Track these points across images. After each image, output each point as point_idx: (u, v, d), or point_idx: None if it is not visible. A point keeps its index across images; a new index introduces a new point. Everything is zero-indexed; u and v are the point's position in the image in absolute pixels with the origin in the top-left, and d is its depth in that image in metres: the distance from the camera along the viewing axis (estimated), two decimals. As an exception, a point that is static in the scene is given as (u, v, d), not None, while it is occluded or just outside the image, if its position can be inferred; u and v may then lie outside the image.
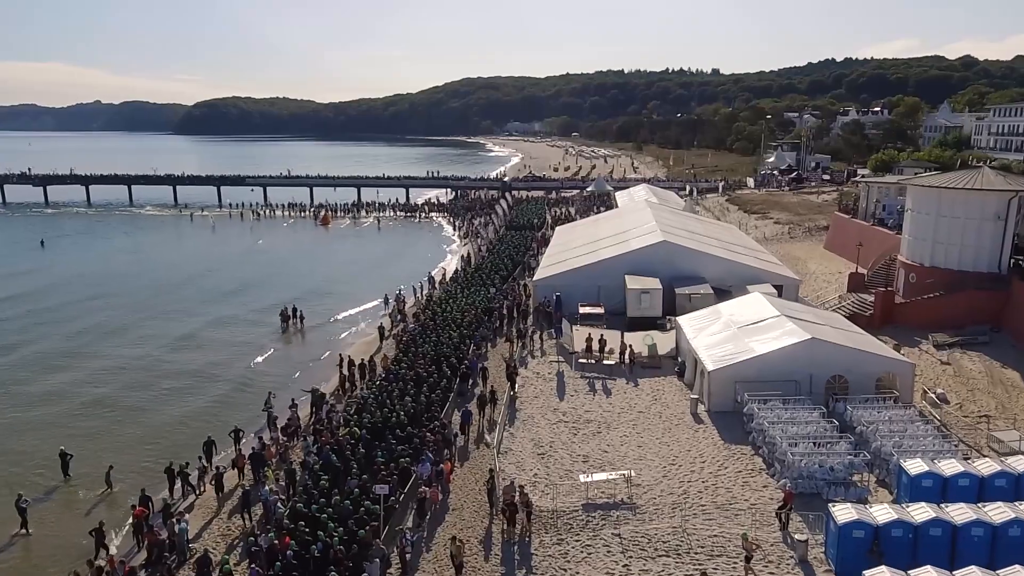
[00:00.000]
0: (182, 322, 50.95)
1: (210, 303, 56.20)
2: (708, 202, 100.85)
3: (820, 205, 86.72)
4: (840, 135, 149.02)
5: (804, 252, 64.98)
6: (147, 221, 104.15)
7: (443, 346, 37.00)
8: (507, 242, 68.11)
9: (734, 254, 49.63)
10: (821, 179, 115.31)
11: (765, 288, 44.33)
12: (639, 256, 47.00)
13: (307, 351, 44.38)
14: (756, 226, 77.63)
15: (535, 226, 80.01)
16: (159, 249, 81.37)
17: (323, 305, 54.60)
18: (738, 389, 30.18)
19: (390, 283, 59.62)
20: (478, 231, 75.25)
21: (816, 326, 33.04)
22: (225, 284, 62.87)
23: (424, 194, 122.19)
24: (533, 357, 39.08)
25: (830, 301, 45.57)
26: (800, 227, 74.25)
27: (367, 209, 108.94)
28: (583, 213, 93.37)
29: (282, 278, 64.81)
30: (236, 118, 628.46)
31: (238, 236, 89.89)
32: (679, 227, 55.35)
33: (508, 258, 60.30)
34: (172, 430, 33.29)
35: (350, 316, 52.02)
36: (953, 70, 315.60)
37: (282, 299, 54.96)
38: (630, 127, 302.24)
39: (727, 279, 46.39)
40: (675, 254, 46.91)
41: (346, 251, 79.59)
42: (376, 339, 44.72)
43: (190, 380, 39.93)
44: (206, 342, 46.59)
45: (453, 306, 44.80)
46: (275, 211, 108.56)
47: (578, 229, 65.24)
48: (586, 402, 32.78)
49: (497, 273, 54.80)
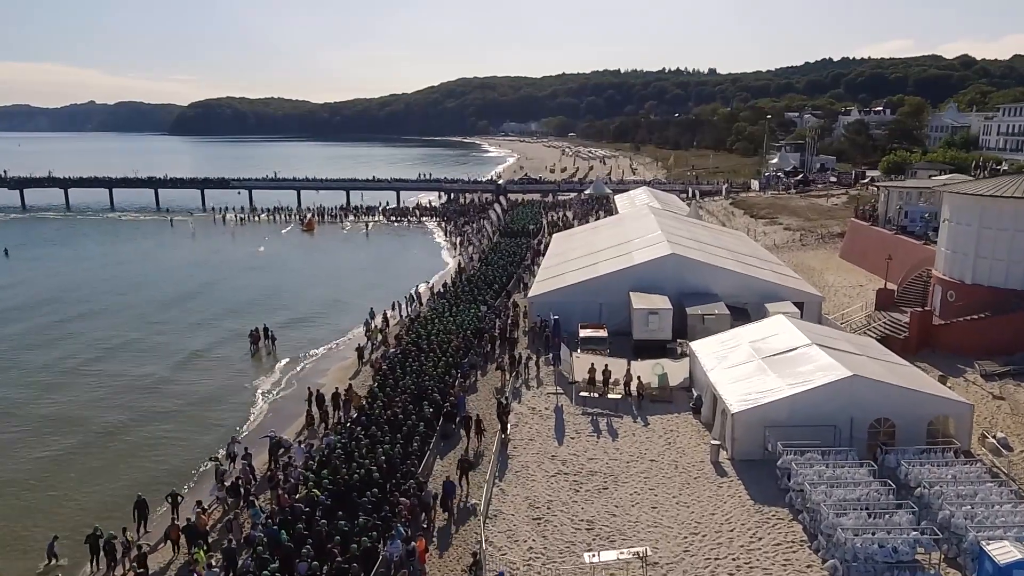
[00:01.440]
0: (135, 345, 45.58)
1: (171, 322, 50.84)
2: (711, 206, 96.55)
3: (831, 209, 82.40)
4: (844, 135, 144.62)
5: (819, 262, 60.65)
6: (124, 226, 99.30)
7: (426, 377, 32.54)
8: (501, 251, 63.63)
9: (748, 267, 45.25)
10: (828, 181, 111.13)
11: (785, 306, 39.99)
12: (645, 270, 42.59)
13: (275, 380, 39.46)
14: (765, 232, 73.29)
15: (531, 233, 75.53)
16: (129, 258, 75.95)
17: (299, 323, 50.01)
18: (768, 435, 25.78)
19: (374, 297, 55.29)
20: (470, 239, 70.80)
21: (853, 358, 28.65)
22: (193, 299, 57.65)
23: (416, 197, 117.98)
24: (528, 388, 34.63)
25: (856, 320, 41.19)
26: (812, 234, 69.90)
27: (355, 213, 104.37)
28: (581, 218, 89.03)
29: (256, 291, 59.89)
30: (231, 119, 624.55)
31: (217, 243, 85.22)
32: (686, 236, 50.97)
33: (501, 269, 55.84)
34: (100, 486, 28.03)
35: (328, 335, 47.34)
36: (952, 69, 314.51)
37: (254, 315, 50.57)
38: (627, 127, 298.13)
39: (742, 296, 42.04)
40: (685, 268, 42.51)
41: (329, 260, 74.78)
42: (354, 362, 40.34)
43: (131, 419, 34.17)
44: (160, 370, 40.94)
45: (439, 327, 40.36)
46: (259, 215, 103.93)
47: (576, 237, 60.85)
48: (589, 446, 28.33)
49: (489, 287, 50.34)
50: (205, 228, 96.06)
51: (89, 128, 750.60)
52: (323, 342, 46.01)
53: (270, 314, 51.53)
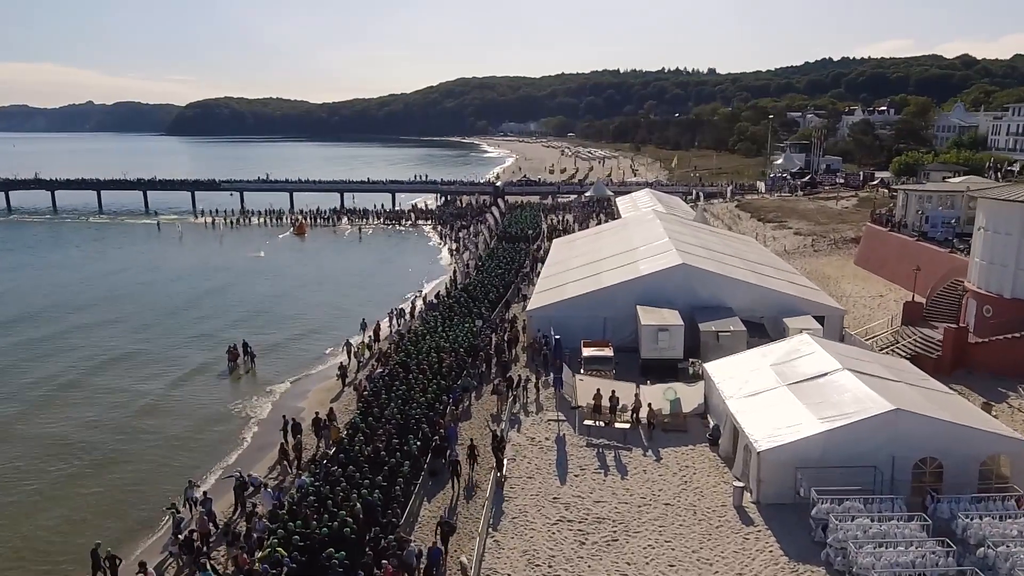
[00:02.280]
0: (104, 360, 42.26)
1: (143, 336, 47.02)
2: (716, 208, 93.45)
3: (842, 213, 79.37)
4: (850, 136, 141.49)
5: (834, 269, 57.61)
6: (111, 230, 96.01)
7: (413, 404, 29.43)
8: (498, 257, 60.48)
9: (764, 278, 42.15)
10: (835, 183, 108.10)
11: (805, 321, 36.98)
12: (653, 282, 39.49)
13: (250, 404, 35.95)
14: (774, 237, 70.20)
15: (529, 238, 72.38)
16: (107, 264, 72.20)
17: (282, 337, 46.61)
18: (799, 477, 22.70)
19: (363, 307, 52.30)
20: (466, 244, 67.64)
21: (892, 386, 25.58)
22: (169, 310, 53.73)
23: (411, 199, 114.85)
24: (527, 414, 31.52)
25: (882, 336, 38.11)
26: (824, 239, 66.84)
27: (348, 216, 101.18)
28: (582, 221, 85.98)
29: (239, 302, 56.50)
30: (229, 119, 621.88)
31: (203, 249, 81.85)
32: (695, 244, 47.89)
33: (499, 278, 52.69)
34: (48, 539, 24.67)
35: (311, 350, 44.06)
36: (953, 69, 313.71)
37: (235, 327, 47.52)
38: (627, 127, 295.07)
39: (758, 309, 38.99)
40: (696, 279, 39.42)
41: (319, 266, 71.16)
42: (337, 383, 37.22)
43: (82, 465, 30.03)
44: (125, 393, 37.20)
45: (431, 343, 37.28)
46: (249, 218, 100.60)
47: (578, 244, 57.76)
48: (595, 486, 25.23)
49: (485, 297, 47.22)
50: (194, 232, 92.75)
51: (87, 128, 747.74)
52: (306, 358, 42.77)
53: (249, 326, 48.49)
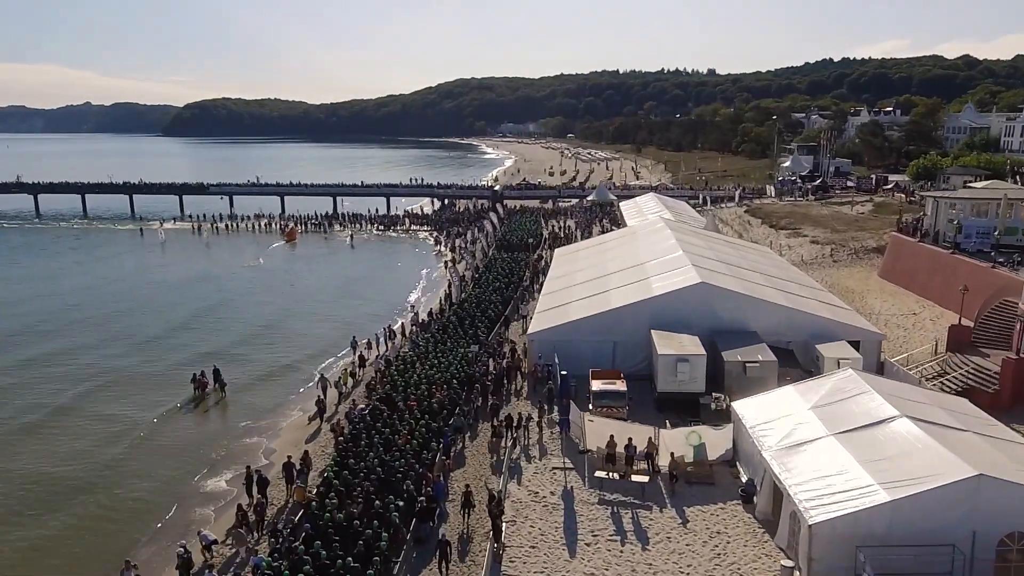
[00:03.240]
0: (53, 389, 37.80)
1: (105, 357, 42.71)
2: (724, 214, 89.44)
3: (859, 219, 75.43)
4: (859, 137, 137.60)
5: (856, 282, 53.59)
6: (91, 236, 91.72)
7: (396, 452, 25.39)
8: (496, 269, 56.44)
9: (790, 297, 38.10)
10: (846, 186, 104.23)
11: (841, 349, 33.01)
12: (668, 303, 35.47)
13: (212, 450, 31.20)
14: (789, 246, 66.17)
15: (530, 246, 68.40)
16: (75, 278, 66.79)
17: (258, 360, 42.37)
18: (861, 558, 18.68)
19: (352, 322, 48.34)
20: (462, 253, 63.61)
21: (962, 439, 21.53)
22: (137, 326, 49.37)
23: (407, 203, 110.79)
24: (528, 459, 27.50)
25: (925, 365, 34.06)
26: (844, 248, 62.78)
27: (340, 222, 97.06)
28: (584, 227, 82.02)
29: (215, 318, 52.13)
30: (226, 120, 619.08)
31: (185, 256, 77.56)
32: (711, 257, 43.88)
33: (497, 293, 48.70)
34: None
35: (291, 379, 39.69)
36: (956, 69, 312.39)
37: (208, 347, 43.47)
38: (628, 128, 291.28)
39: (785, 333, 34.99)
40: (716, 300, 35.39)
41: (307, 277, 66.82)
42: (315, 417, 33.15)
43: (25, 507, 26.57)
44: (71, 428, 33.07)
45: (421, 373, 33.30)
46: (237, 223, 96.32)
47: (582, 255, 53.70)
48: (611, 559, 21.17)
49: (484, 315, 43.22)
50: (178, 239, 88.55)
51: (85, 129, 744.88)
52: (284, 385, 38.66)
53: (221, 346, 44.56)
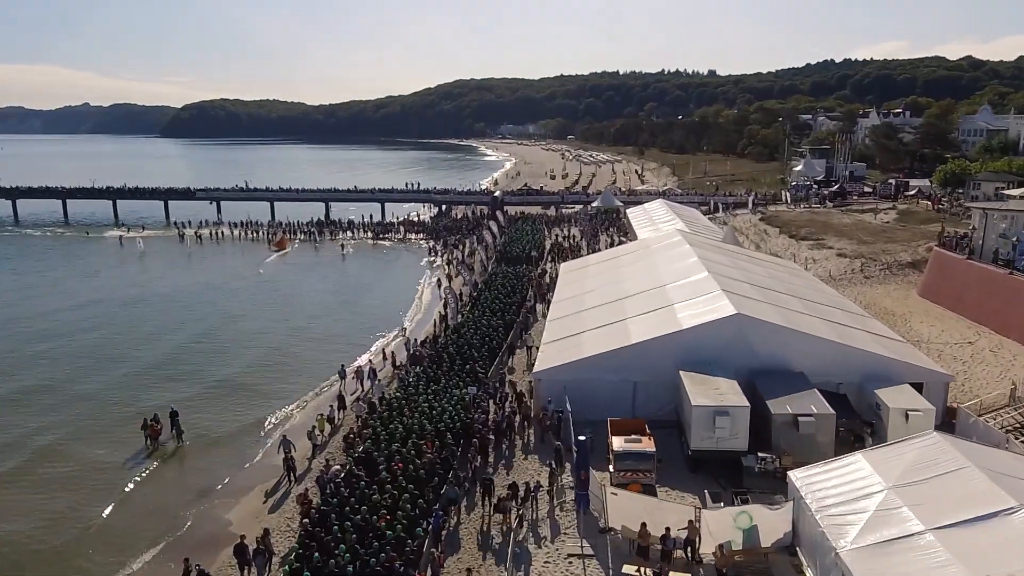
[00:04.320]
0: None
1: (49, 397, 36.95)
2: (738, 222, 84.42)
3: (884, 229, 70.35)
4: (872, 140, 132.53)
5: (894, 302, 48.53)
6: (67, 245, 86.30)
7: (374, 543, 20.29)
8: (496, 286, 51.23)
9: (838, 328, 32.96)
10: (863, 192, 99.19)
11: (906, 395, 28.02)
12: (699, 337, 30.37)
13: (152, 528, 25.26)
14: (814, 259, 61.09)
15: (532, 259, 63.31)
16: (37, 294, 60.49)
17: (228, 398, 36.97)
18: None
19: (336, 349, 43.29)
20: (459, 268, 58.44)
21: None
22: (93, 358, 43.14)
23: (403, 209, 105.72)
24: (538, 543, 22.43)
25: (1004, 414, 28.96)
26: (875, 262, 57.71)
27: (331, 230, 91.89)
28: (590, 236, 76.96)
29: (182, 346, 45.97)
30: (224, 120, 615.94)
31: (166, 268, 72.13)
32: (739, 278, 38.83)
33: (498, 315, 43.56)
34: None
35: (265, 417, 34.64)
36: (961, 70, 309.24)
37: (156, 383, 38.26)
38: (629, 130, 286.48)
39: (835, 373, 29.94)
40: (754, 334, 30.27)
41: (291, 295, 60.47)
42: (281, 480, 28.01)
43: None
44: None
45: (409, 423, 28.22)
46: (223, 232, 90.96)
47: (591, 272, 48.57)
48: None
49: (483, 344, 38.10)
50: (161, 248, 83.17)
51: (83, 130, 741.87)
52: (254, 428, 33.55)
53: (183, 378, 39.27)
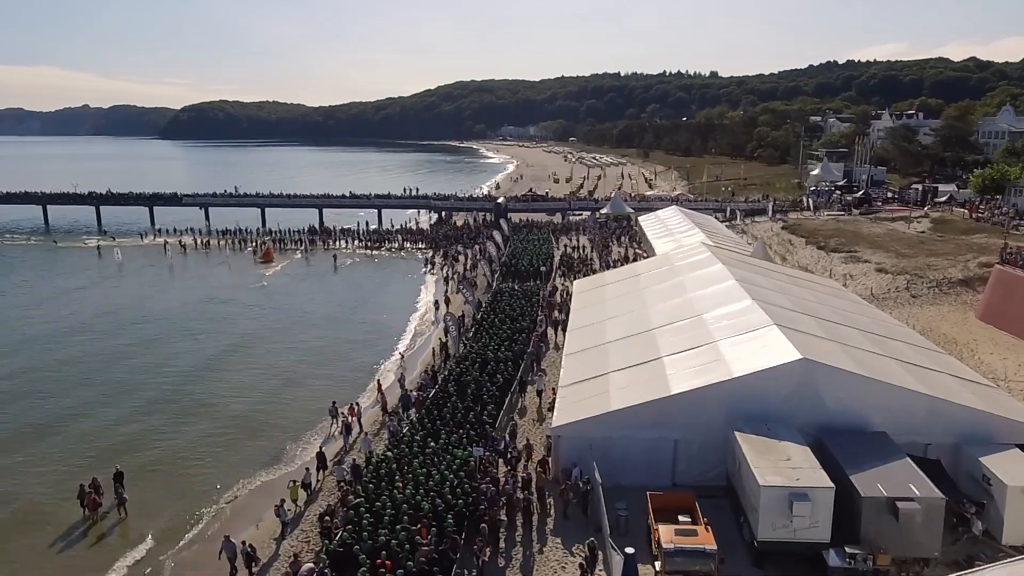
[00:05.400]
0: None
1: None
2: (759, 230, 79.00)
3: (922, 240, 64.75)
4: (891, 142, 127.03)
5: (953, 327, 42.93)
6: (53, 256, 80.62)
7: None
8: (503, 308, 45.59)
9: (919, 372, 27.30)
10: (887, 198, 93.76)
11: (1013, 458, 22.47)
12: (754, 388, 24.74)
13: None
14: (851, 275, 55.48)
15: (541, 274, 57.79)
16: (28, 331, 52.43)
17: (189, 455, 31.06)
18: None
19: (323, 389, 37.74)
20: (460, 286, 52.64)
21: None
22: (36, 406, 36.31)
23: (401, 215, 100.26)
24: None
25: None
26: (921, 278, 52.13)
27: (324, 239, 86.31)
28: (601, 247, 71.41)
29: (139, 385, 39.27)
30: (223, 122, 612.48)
31: (143, 284, 65.99)
32: (789, 306, 33.27)
33: (506, 344, 37.97)
34: None
35: (224, 486, 28.78)
36: (968, 71, 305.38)
37: (111, 431, 32.76)
38: (632, 132, 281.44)
39: (923, 431, 24.39)
40: (824, 383, 24.63)
41: (274, 318, 53.85)
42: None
43: None
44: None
45: (400, 501, 22.67)
46: (208, 241, 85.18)
47: (610, 293, 42.94)
48: None
49: (491, 381, 32.49)
50: (144, 258, 77.44)
51: (83, 132, 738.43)
52: (217, 491, 28.02)
53: (130, 430, 33.40)
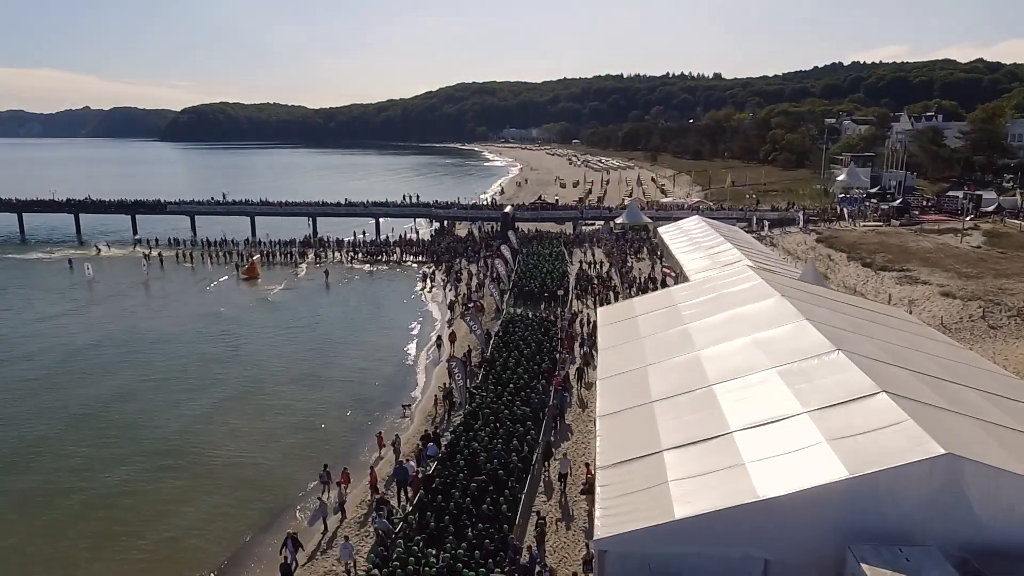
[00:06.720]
0: None
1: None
2: (789, 242, 72.39)
3: (983, 257, 58.03)
4: (919, 146, 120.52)
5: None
6: (31, 271, 74.08)
7: None
8: (516, 343, 38.96)
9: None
10: (924, 206, 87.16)
11: None
12: (879, 492, 17.93)
13: None
14: (910, 300, 48.77)
15: (558, 297, 51.21)
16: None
17: (162, 525, 24.82)
18: None
19: (309, 451, 31.25)
20: (464, 318, 45.84)
21: None
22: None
23: (400, 225, 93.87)
24: None
25: None
26: (997, 305, 45.42)
27: (316, 251, 79.79)
28: (619, 262, 64.86)
29: (75, 449, 32.84)
30: (224, 124, 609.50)
31: (110, 309, 59.10)
32: (890, 360, 26.44)
33: (522, 396, 31.37)
34: None
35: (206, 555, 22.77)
36: (978, 72, 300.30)
37: (60, 498, 26.35)
38: (638, 134, 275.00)
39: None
40: (975, 486, 17.79)
41: (255, 349, 46.94)
42: None
43: None
44: None
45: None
46: (191, 254, 78.81)
47: (644, 328, 35.86)
48: None
49: (502, 445, 25.90)
50: (118, 273, 71.15)
51: (83, 134, 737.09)
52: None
53: (87, 492, 27.16)
